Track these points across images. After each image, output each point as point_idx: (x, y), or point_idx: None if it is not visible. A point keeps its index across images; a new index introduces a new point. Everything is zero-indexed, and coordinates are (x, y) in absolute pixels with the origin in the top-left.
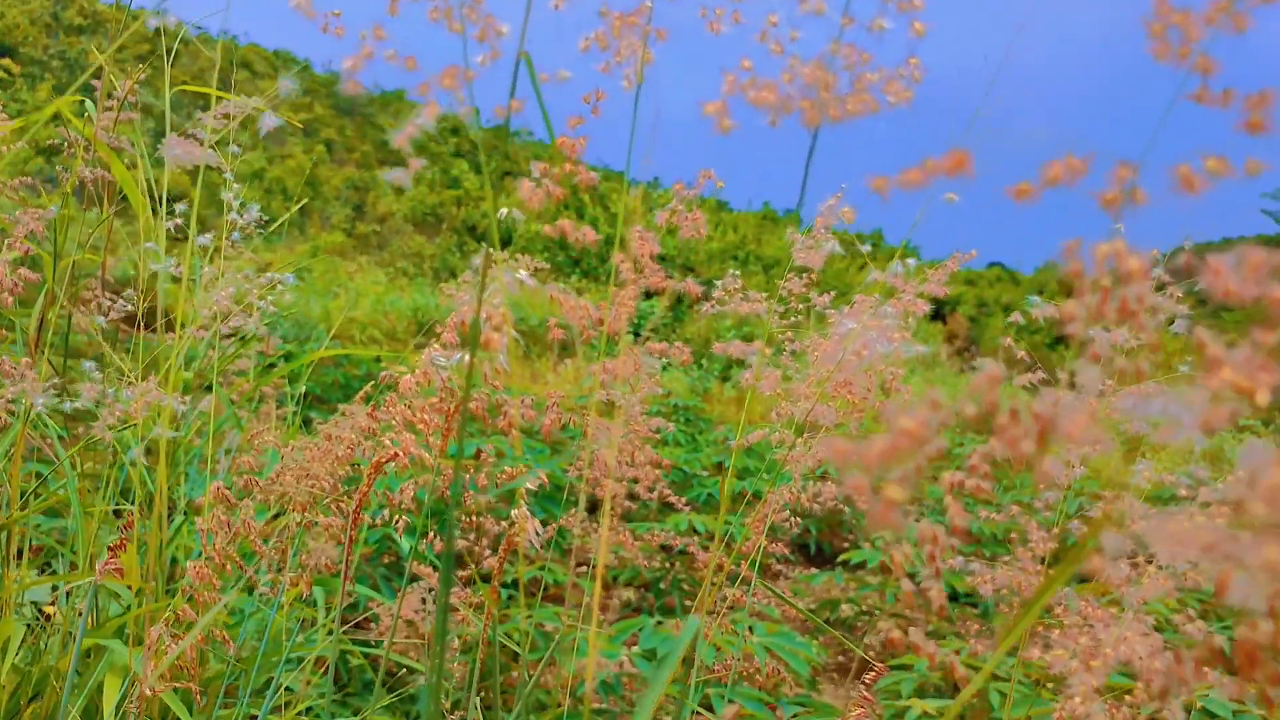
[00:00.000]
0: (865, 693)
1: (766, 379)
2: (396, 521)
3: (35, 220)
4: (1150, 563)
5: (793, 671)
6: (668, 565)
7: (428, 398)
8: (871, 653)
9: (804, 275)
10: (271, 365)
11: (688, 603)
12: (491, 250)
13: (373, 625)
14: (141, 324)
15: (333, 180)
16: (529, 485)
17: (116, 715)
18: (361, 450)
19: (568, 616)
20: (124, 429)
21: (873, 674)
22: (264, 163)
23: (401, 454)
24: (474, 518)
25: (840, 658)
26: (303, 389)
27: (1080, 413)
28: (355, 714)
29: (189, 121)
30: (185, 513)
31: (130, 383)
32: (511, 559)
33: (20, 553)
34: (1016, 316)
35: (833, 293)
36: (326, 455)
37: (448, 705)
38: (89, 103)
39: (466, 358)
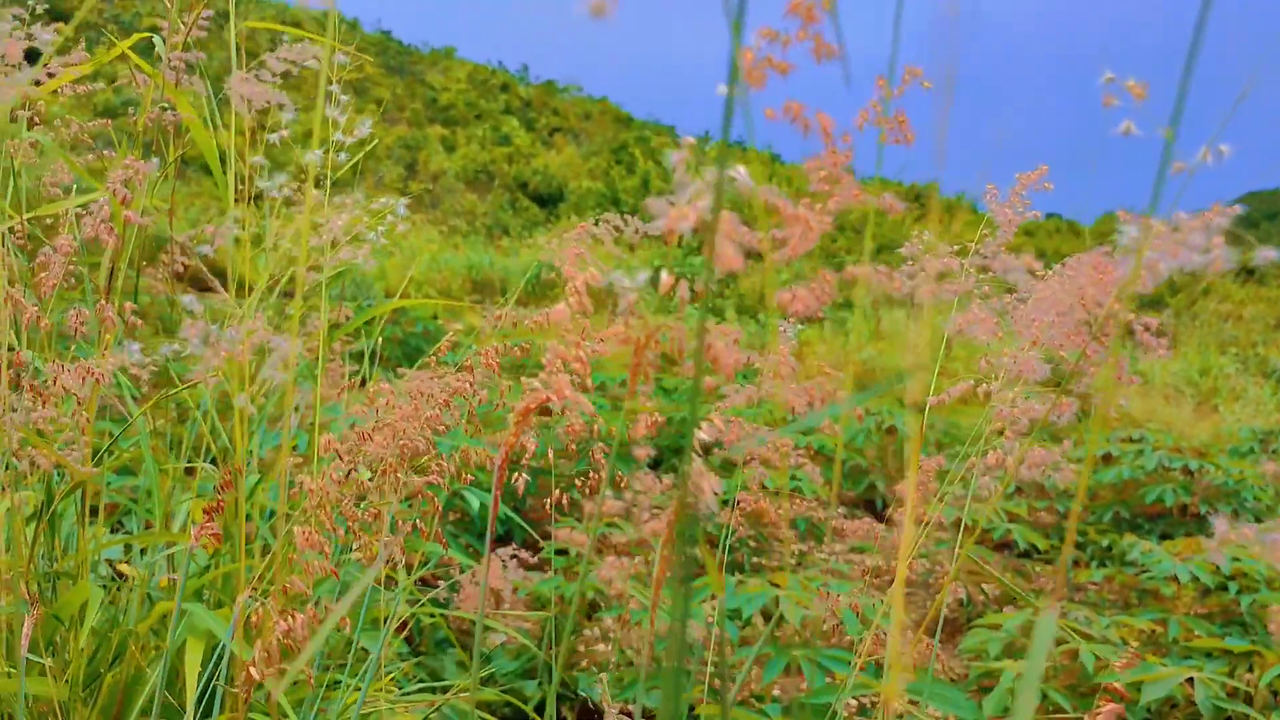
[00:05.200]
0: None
1: (983, 322)
2: (464, 478)
3: (132, 167)
4: None
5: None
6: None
7: (580, 328)
8: (947, 610)
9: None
10: (335, 325)
11: (754, 559)
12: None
13: (441, 582)
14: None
15: (385, 139)
16: (704, 436)
17: (205, 687)
18: (451, 411)
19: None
20: (196, 384)
21: (1111, 708)
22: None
23: (555, 398)
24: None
25: (913, 614)
26: (374, 346)
27: None
28: (431, 675)
29: (254, 64)
30: (260, 472)
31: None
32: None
33: (95, 511)
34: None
35: (1024, 254)
36: (417, 415)
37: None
38: (158, 39)
39: (665, 277)
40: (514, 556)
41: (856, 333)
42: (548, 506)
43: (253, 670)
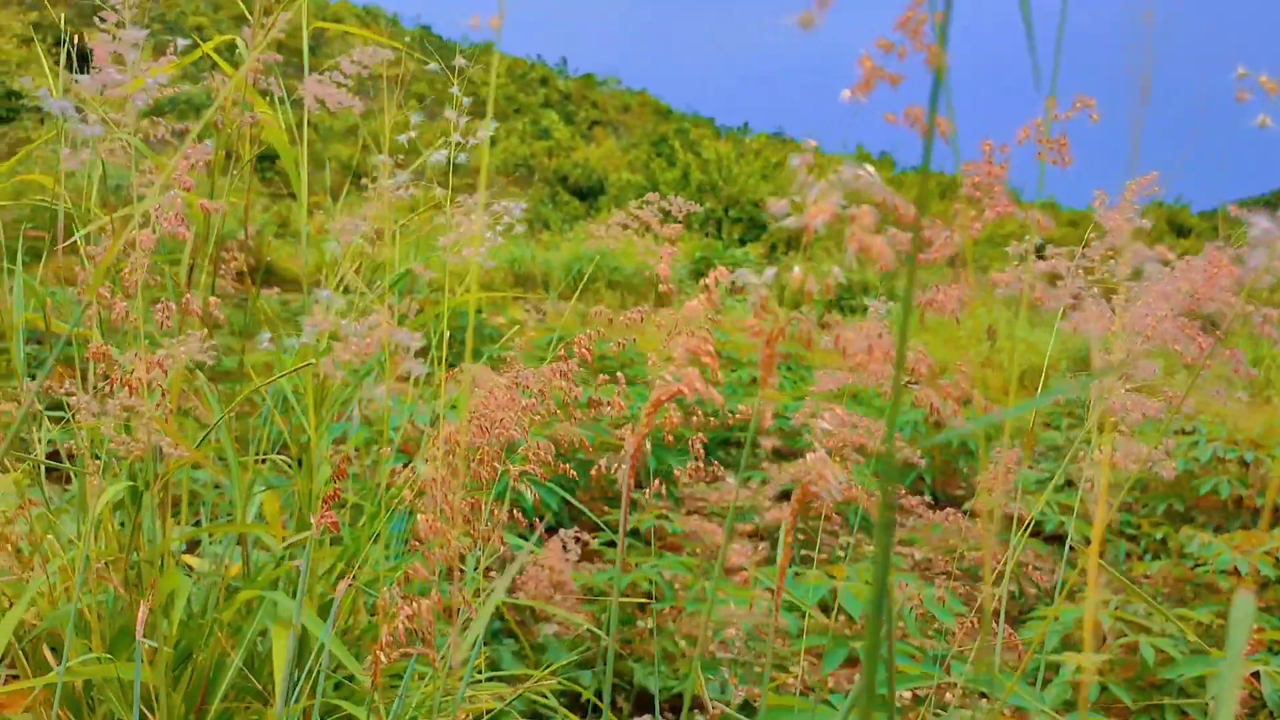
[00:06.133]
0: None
1: (1098, 318)
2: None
3: (200, 154)
4: None
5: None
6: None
7: (699, 326)
8: (997, 603)
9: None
10: (403, 317)
11: (805, 552)
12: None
13: (494, 573)
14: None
15: (424, 134)
16: (825, 424)
17: (302, 677)
18: (545, 402)
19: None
20: (278, 377)
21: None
22: (358, 118)
23: (686, 390)
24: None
25: (964, 605)
26: (439, 339)
27: None
28: (489, 666)
29: (320, 68)
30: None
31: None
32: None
33: (175, 505)
34: None
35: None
36: (514, 404)
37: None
38: (241, 42)
39: (797, 271)
40: (576, 538)
41: (898, 325)
42: (647, 495)
43: (381, 654)
